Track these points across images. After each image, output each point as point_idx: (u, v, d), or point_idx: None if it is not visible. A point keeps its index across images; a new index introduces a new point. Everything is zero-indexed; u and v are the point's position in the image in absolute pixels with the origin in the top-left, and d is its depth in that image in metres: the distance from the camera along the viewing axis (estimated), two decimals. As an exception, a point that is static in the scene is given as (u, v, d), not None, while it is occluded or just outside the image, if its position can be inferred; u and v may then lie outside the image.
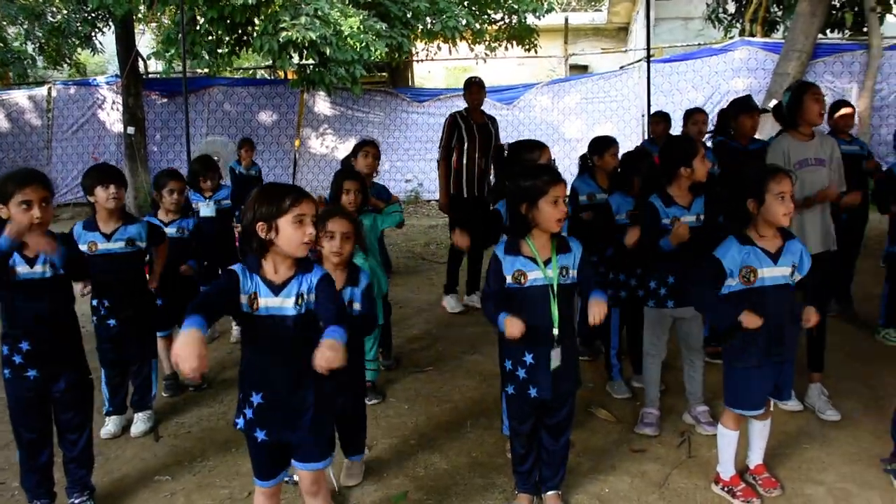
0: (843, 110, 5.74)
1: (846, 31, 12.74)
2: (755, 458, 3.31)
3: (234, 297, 2.42)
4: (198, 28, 10.81)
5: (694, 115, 6.15)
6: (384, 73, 15.20)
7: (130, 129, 12.59)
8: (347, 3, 11.16)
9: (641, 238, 3.76)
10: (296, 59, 11.10)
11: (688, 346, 3.90)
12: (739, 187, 3.07)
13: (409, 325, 5.99)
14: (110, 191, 3.78)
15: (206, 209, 5.86)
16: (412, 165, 13.23)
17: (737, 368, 3.14)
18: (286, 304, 2.46)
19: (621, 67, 13.93)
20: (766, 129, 5.92)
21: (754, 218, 3.05)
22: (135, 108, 12.61)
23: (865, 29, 11.92)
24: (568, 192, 4.81)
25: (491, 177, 6.18)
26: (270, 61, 11.35)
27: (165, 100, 13.77)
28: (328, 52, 10.36)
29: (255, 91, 13.92)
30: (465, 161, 6.23)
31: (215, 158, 9.95)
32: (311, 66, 11.19)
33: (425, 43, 14.50)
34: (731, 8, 14.42)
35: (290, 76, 12.96)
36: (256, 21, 10.78)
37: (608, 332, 4.41)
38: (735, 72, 12.14)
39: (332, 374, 2.25)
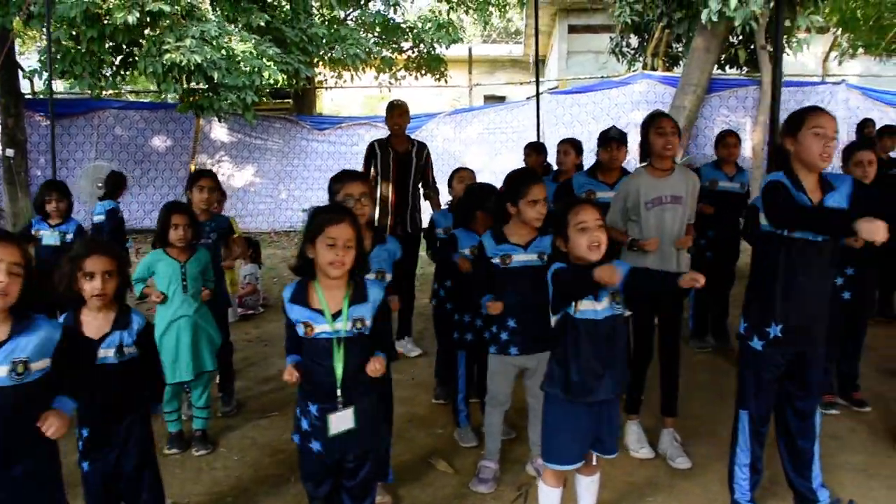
0: (727, 140, 5.68)
1: (742, 68, 13.07)
2: (585, 515, 3.06)
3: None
4: (80, 47, 10.23)
5: (557, 145, 5.61)
6: (288, 100, 14.84)
7: (10, 152, 11.86)
8: (240, 27, 10.81)
9: (474, 278, 3.49)
10: (184, 84, 10.62)
11: (531, 395, 3.59)
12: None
13: (268, 365, 5.61)
14: None
15: (49, 237, 5.40)
16: (311, 195, 12.78)
17: (548, 416, 2.89)
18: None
19: (527, 98, 13.94)
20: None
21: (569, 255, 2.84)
22: (15, 129, 11.89)
23: (759, 66, 12.25)
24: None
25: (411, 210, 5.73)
26: (156, 84, 10.85)
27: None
28: (217, 76, 9.94)
29: (148, 115, 13.31)
30: (377, 195, 5.59)
31: (98, 185, 9.47)
32: (201, 91, 10.74)
33: (332, 70, 14.25)
34: (634, 42, 14.64)
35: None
36: (142, 42, 10.31)
37: (456, 376, 4.14)
38: (634, 104, 12.24)
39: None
